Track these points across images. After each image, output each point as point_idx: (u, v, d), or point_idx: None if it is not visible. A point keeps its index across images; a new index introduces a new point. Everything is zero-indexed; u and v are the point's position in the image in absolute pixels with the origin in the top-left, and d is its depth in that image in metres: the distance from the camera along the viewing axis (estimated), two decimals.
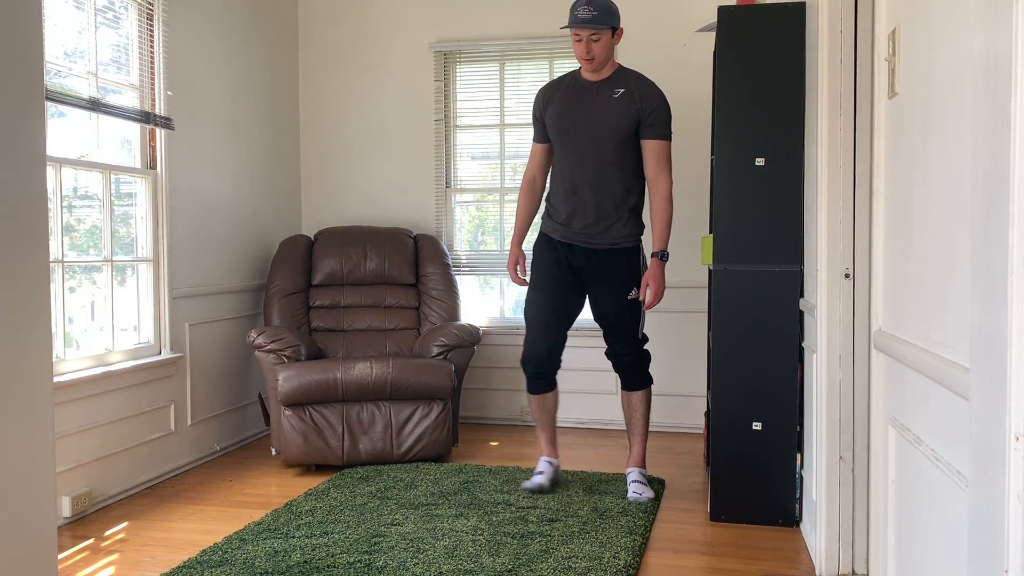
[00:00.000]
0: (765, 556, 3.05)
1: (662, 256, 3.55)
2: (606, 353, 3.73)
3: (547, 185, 3.78)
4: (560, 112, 3.59)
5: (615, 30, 3.49)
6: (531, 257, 3.77)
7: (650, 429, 3.88)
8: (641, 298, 3.57)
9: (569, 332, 3.76)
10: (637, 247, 3.64)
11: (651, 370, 3.76)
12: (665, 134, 3.54)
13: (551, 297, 3.65)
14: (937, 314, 1.74)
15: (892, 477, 2.16)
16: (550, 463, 3.79)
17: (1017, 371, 1.05)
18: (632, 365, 3.69)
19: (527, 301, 3.71)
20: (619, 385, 3.79)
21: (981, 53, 1.16)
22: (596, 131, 3.52)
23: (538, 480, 3.70)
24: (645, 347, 3.73)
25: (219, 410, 4.51)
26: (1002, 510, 1.07)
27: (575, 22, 3.43)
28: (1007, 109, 1.06)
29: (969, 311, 1.25)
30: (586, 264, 3.61)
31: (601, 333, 3.72)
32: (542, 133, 3.70)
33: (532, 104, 3.74)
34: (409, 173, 5.27)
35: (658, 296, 3.55)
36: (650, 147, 3.53)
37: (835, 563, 2.77)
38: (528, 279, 3.74)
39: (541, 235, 3.72)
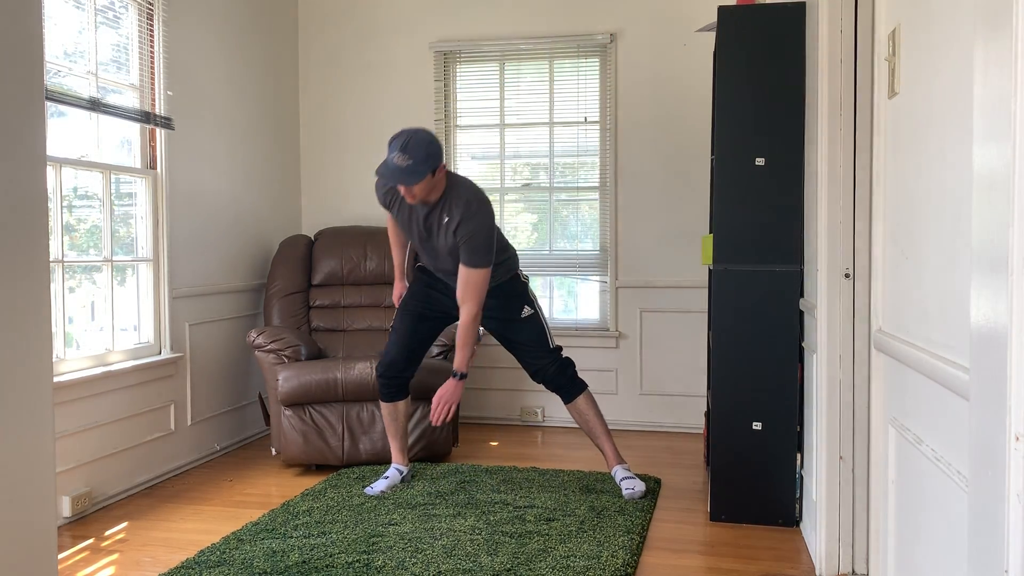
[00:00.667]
0: (765, 556, 3.05)
1: (460, 376, 3.50)
2: (532, 377, 3.75)
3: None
4: (404, 222, 3.54)
5: (435, 171, 3.30)
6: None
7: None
8: (431, 417, 3.50)
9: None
10: (512, 278, 3.70)
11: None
12: (478, 262, 3.38)
13: (419, 321, 3.69)
14: (937, 314, 1.74)
15: (892, 477, 2.16)
16: (399, 469, 3.82)
17: (1017, 371, 1.05)
18: (559, 374, 3.71)
19: (395, 320, 3.76)
20: (562, 401, 3.81)
21: (981, 53, 1.16)
22: (437, 247, 3.50)
23: (378, 486, 3.69)
24: (563, 355, 3.76)
25: (219, 410, 4.51)
26: (1002, 510, 1.07)
27: (388, 176, 3.24)
28: (1007, 109, 1.06)
29: (969, 311, 1.25)
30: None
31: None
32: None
33: (376, 186, 3.58)
34: None
35: (446, 412, 3.49)
36: (461, 272, 3.42)
37: (835, 563, 2.77)
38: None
39: (420, 267, 3.76)
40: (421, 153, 3.21)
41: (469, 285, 3.40)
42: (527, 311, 3.69)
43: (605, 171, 5.01)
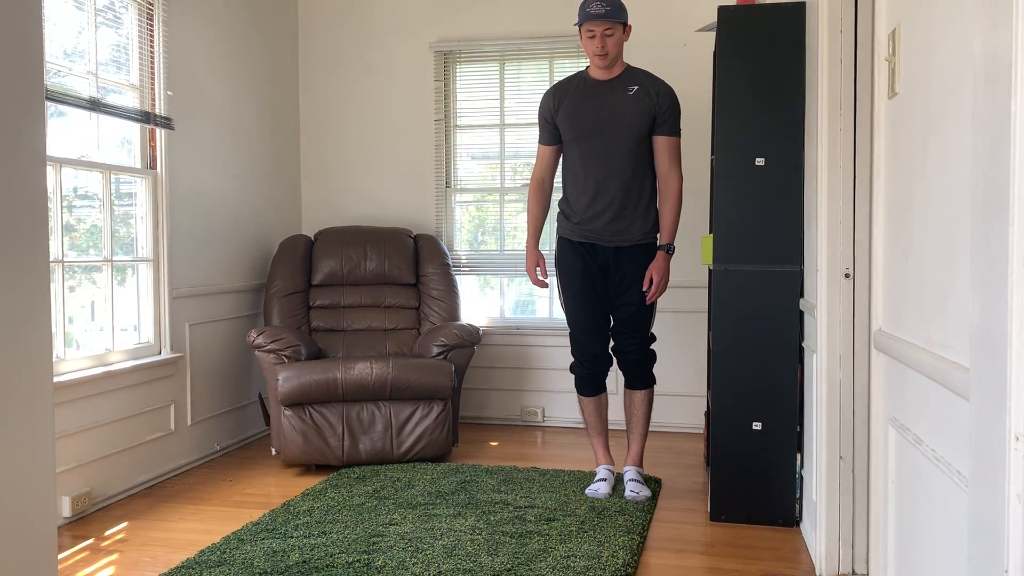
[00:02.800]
0: (765, 556, 3.05)
1: (668, 249, 3.59)
2: (612, 349, 3.72)
3: (555, 188, 3.78)
4: (575, 112, 3.57)
5: (626, 26, 3.51)
6: (551, 262, 3.77)
7: (650, 429, 3.89)
8: (644, 288, 3.57)
9: (568, 332, 3.75)
10: (656, 243, 3.64)
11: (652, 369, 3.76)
12: (677, 131, 3.59)
13: (593, 296, 3.62)
14: (937, 314, 1.74)
15: (892, 477, 2.16)
16: (611, 470, 3.73)
17: (1017, 371, 1.05)
18: (638, 363, 3.69)
19: (568, 307, 3.68)
20: (621, 383, 3.79)
21: (981, 53, 1.16)
22: (615, 130, 3.52)
23: (600, 489, 3.62)
24: (652, 347, 3.73)
25: (219, 410, 4.51)
26: (1002, 510, 1.07)
27: (588, 17, 3.43)
28: (1007, 109, 1.06)
29: (969, 311, 1.25)
30: (608, 262, 3.60)
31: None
32: (550, 135, 3.67)
33: (539, 106, 3.71)
34: (409, 173, 5.27)
35: (661, 288, 3.57)
36: (663, 143, 3.55)
37: (835, 563, 2.77)
38: (548, 281, 3.75)
39: (561, 240, 3.69)
40: (617, 2, 3.46)
41: (672, 154, 3.58)
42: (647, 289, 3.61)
43: None
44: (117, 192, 3.89)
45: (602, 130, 3.53)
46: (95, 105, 3.65)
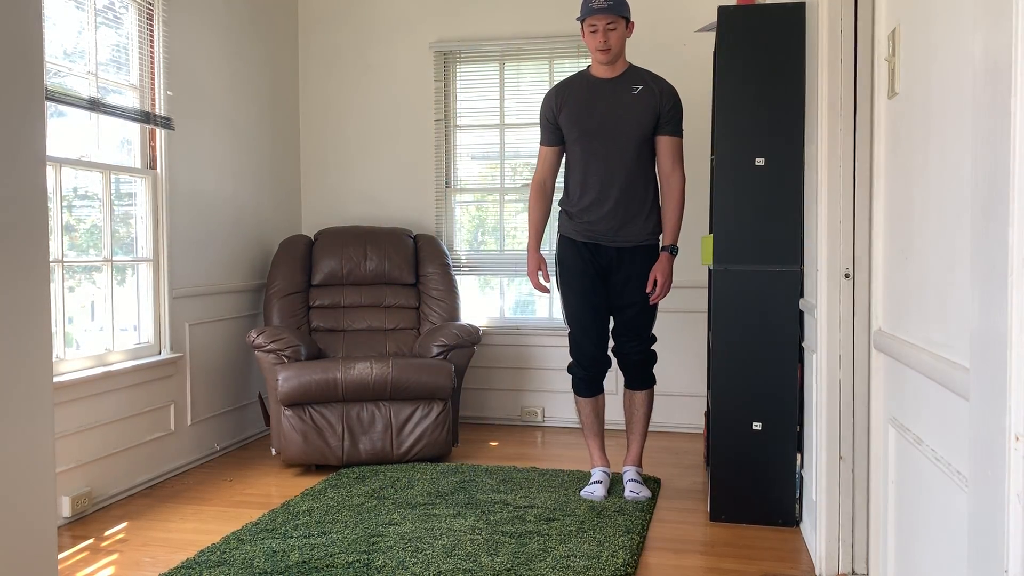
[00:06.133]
0: (765, 556, 3.05)
1: (672, 250, 3.59)
2: (613, 350, 3.71)
3: (556, 188, 3.78)
4: (579, 111, 3.56)
5: (628, 21, 3.50)
6: (552, 261, 3.76)
7: (650, 429, 3.88)
8: (648, 290, 3.57)
9: (568, 332, 3.75)
10: (659, 244, 3.64)
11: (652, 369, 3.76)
12: (679, 131, 3.59)
13: (594, 298, 3.61)
14: (937, 314, 1.73)
15: (892, 477, 2.16)
16: (607, 472, 3.71)
17: (1017, 371, 1.05)
18: (639, 364, 3.68)
19: (568, 306, 3.67)
20: (621, 383, 3.79)
21: (981, 53, 1.16)
22: (619, 128, 3.51)
23: (596, 491, 3.60)
24: (653, 347, 3.72)
25: (219, 410, 4.51)
26: (1002, 510, 1.07)
27: (591, 12, 3.43)
28: (1007, 109, 1.06)
29: (969, 311, 1.25)
30: (611, 262, 3.60)
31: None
32: (552, 136, 3.66)
33: (540, 106, 3.69)
34: (409, 173, 5.27)
35: (665, 289, 3.58)
36: (666, 143, 3.55)
37: (835, 563, 2.77)
38: (549, 285, 3.73)
39: (563, 239, 3.67)
40: None
41: (675, 154, 3.58)
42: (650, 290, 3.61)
43: None
44: (117, 192, 3.89)
45: (606, 129, 3.52)
46: (95, 105, 3.65)
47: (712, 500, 3.40)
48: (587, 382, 3.70)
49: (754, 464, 3.33)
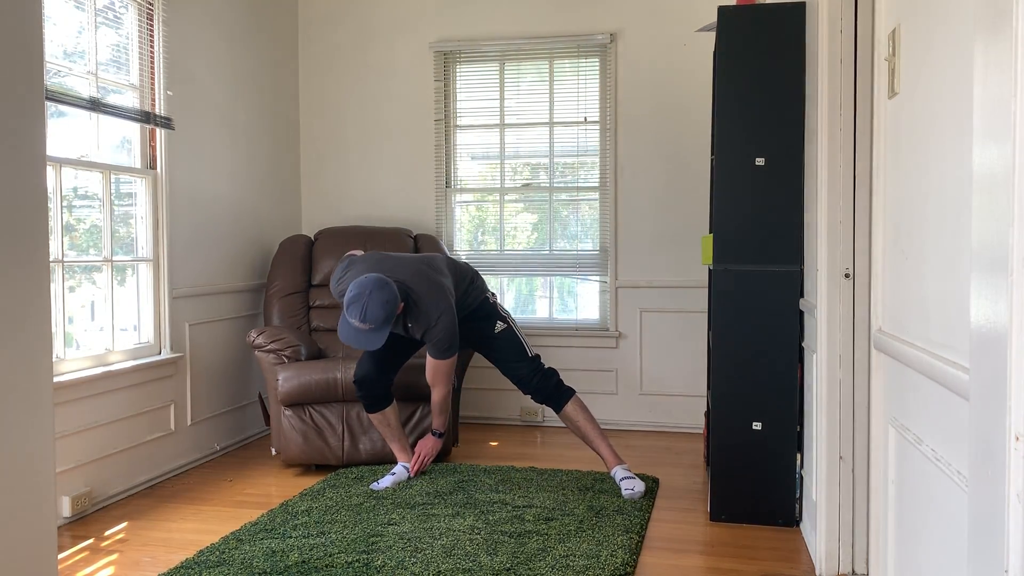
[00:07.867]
0: (765, 556, 3.05)
1: (439, 435, 3.91)
2: (521, 388, 3.86)
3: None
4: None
5: (393, 318, 3.45)
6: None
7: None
8: (412, 468, 3.84)
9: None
10: (482, 302, 3.83)
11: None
12: (442, 356, 3.62)
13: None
14: (937, 314, 1.74)
15: (892, 477, 2.16)
16: (406, 468, 3.91)
17: (1017, 371, 1.05)
18: (544, 382, 3.81)
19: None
20: (554, 412, 3.90)
21: (981, 52, 1.16)
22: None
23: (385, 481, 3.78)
24: (546, 366, 3.86)
25: (219, 410, 4.51)
26: (1002, 510, 1.07)
27: (355, 342, 3.40)
28: (1007, 109, 1.06)
29: (969, 311, 1.25)
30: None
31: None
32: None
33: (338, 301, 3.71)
34: (409, 173, 5.27)
35: (422, 464, 3.87)
36: (430, 363, 3.67)
37: (835, 563, 2.77)
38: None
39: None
40: (380, 315, 3.35)
41: (439, 373, 3.69)
42: (500, 326, 3.83)
43: (605, 171, 5.01)
44: (117, 192, 3.89)
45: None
46: (95, 105, 3.65)
47: (712, 500, 3.40)
48: (364, 401, 3.85)
49: (754, 464, 3.33)
